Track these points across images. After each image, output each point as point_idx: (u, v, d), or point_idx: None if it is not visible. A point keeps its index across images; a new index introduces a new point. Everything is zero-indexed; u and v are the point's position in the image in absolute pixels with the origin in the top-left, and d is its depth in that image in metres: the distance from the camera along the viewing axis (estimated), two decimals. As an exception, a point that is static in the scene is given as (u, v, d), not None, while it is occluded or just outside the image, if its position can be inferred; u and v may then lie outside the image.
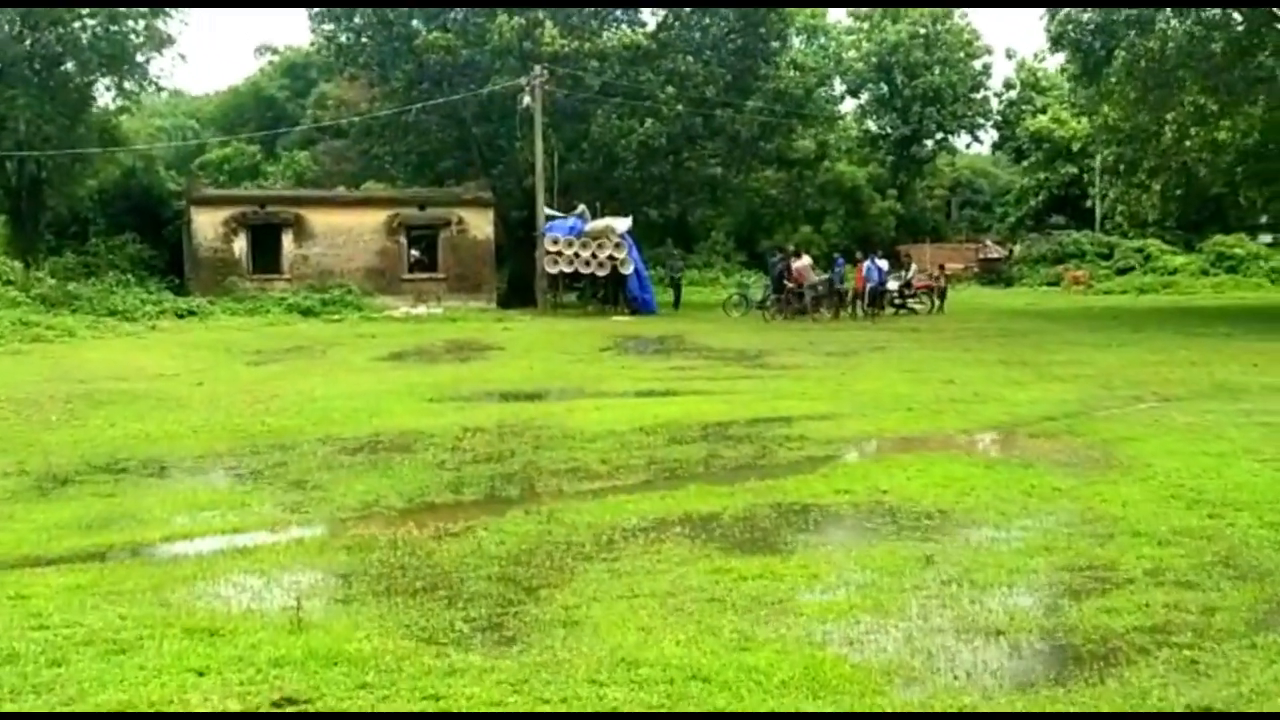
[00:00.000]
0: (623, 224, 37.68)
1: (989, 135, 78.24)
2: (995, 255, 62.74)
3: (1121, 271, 56.25)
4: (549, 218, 38.25)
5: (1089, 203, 64.95)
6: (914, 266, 36.22)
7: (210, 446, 12.31)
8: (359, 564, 7.45)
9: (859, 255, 36.49)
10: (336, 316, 34.70)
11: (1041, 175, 67.84)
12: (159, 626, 6.02)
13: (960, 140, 76.48)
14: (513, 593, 6.75)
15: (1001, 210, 75.38)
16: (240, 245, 38.36)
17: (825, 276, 33.96)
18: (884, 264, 34.63)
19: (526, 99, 38.44)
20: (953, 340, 25.40)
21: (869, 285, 32.77)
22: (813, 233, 66.72)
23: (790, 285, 33.27)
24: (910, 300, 34.79)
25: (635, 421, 13.55)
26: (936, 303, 34.82)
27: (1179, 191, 29.60)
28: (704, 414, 14.15)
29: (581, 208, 38.35)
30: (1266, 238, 60.93)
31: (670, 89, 40.72)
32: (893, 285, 34.43)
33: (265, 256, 38.66)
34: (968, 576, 6.92)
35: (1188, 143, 28.22)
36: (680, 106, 40.96)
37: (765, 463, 11.09)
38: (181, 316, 33.46)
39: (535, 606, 6.47)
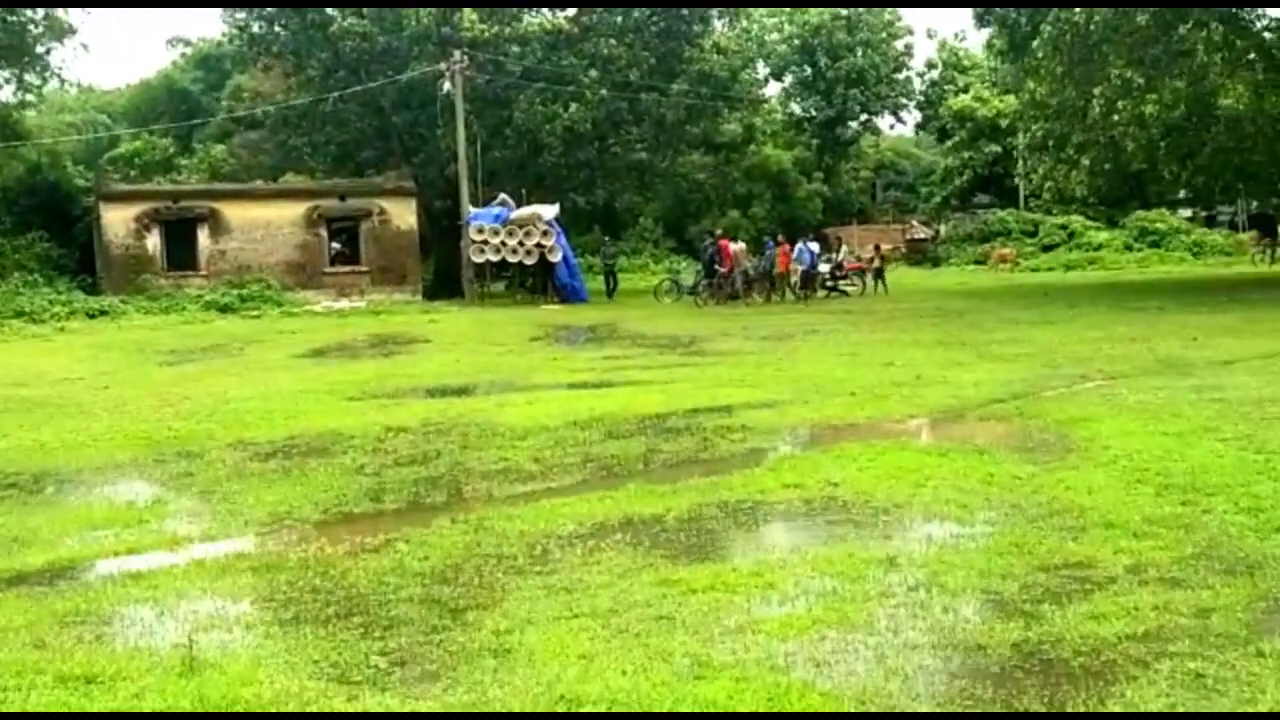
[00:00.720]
0: (549, 211, 36.92)
1: (912, 116, 78.46)
2: (921, 235, 62.83)
3: (1047, 248, 56.55)
4: (474, 206, 37.37)
5: (1014, 181, 65.21)
6: (844, 249, 35.83)
7: (111, 456, 11.44)
8: (265, 588, 6.71)
9: (781, 239, 35.95)
10: (255, 313, 33.64)
11: (966, 154, 67.80)
12: (29, 674, 5.25)
13: (884, 121, 76.55)
14: (437, 617, 6.05)
15: (927, 190, 75.52)
16: (153, 242, 37.12)
17: (755, 261, 33.40)
18: (815, 246, 34.18)
19: (447, 85, 37.59)
20: (888, 322, 24.98)
21: (801, 268, 32.29)
22: (740, 217, 66.44)
23: (722, 270, 32.71)
24: (842, 282, 34.39)
25: (569, 416, 12.87)
26: (874, 284, 34.41)
27: (1107, 166, 29.41)
28: (641, 406, 13.49)
29: (502, 196, 37.49)
30: (1186, 212, 61.61)
31: (594, 73, 39.99)
32: (824, 268, 34.00)
33: (180, 253, 37.46)
34: (936, 581, 6.33)
35: (1115, 117, 28.00)
36: (604, 91, 40.23)
37: (708, 456, 10.46)
38: (93, 316, 32.26)
39: (462, 633, 5.78)
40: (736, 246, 33.45)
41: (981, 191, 69.32)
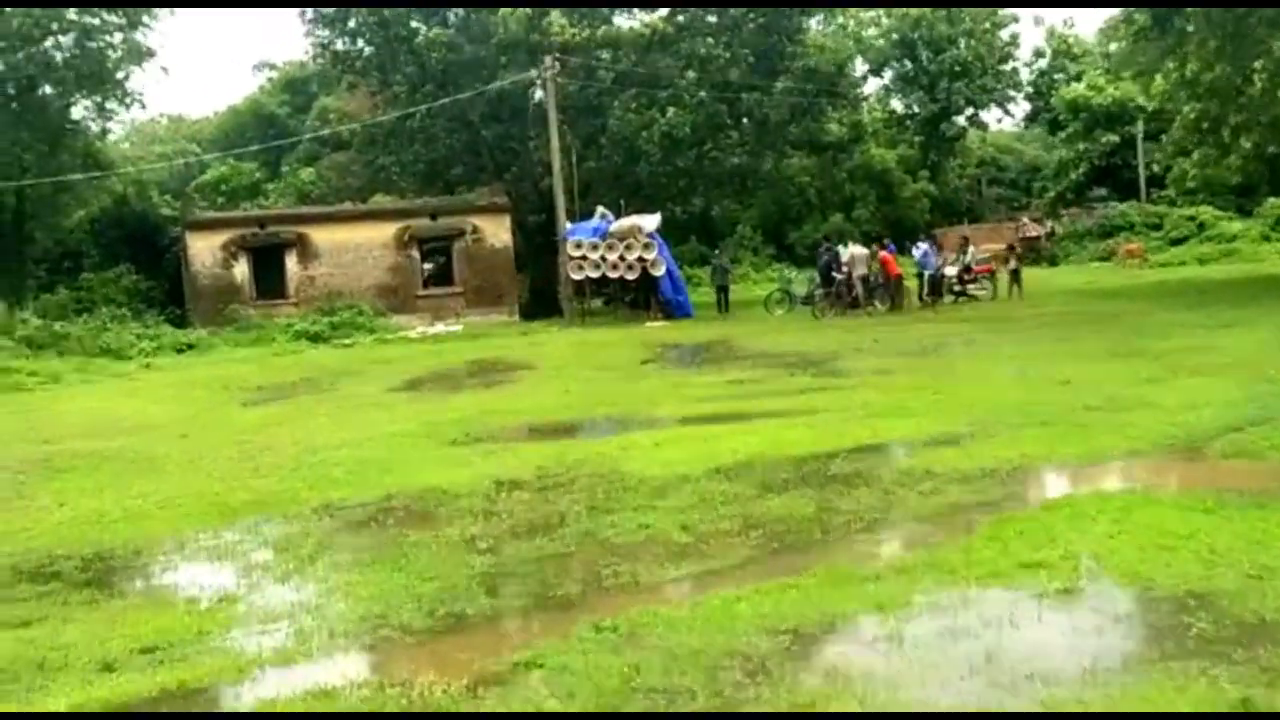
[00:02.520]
0: (651, 222, 34.95)
1: (1020, 108, 75.41)
2: (1034, 234, 59.78)
3: (1175, 242, 53.28)
4: (570, 220, 35.56)
5: (1133, 172, 61.95)
6: (971, 249, 33.33)
7: (177, 530, 9.63)
8: (354, 761, 4.77)
9: (886, 242, 33.56)
10: (348, 341, 32.14)
11: (1081, 146, 64.61)
12: None
13: (990, 115, 73.62)
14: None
15: (1040, 185, 72.39)
16: (241, 270, 35.88)
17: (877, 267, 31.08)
18: (925, 247, 31.67)
19: (539, 93, 35.93)
20: (1036, 330, 22.60)
21: (927, 273, 29.90)
22: (844, 220, 64.20)
23: (840, 277, 30.47)
24: (971, 286, 31.93)
25: (708, 460, 10.84)
26: (1009, 287, 31.87)
27: (1271, 149, 26.64)
28: (791, 445, 11.42)
29: (600, 208, 35.61)
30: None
31: (691, 74, 38.09)
32: (950, 271, 31.58)
33: (268, 280, 36.18)
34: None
35: (1280, 94, 25.19)
36: (703, 93, 38.29)
37: (898, 518, 8.36)
38: (180, 351, 31.00)
39: None
40: (856, 250, 31.16)
41: (1098, 184, 66.04)
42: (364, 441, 13.87)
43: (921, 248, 30.39)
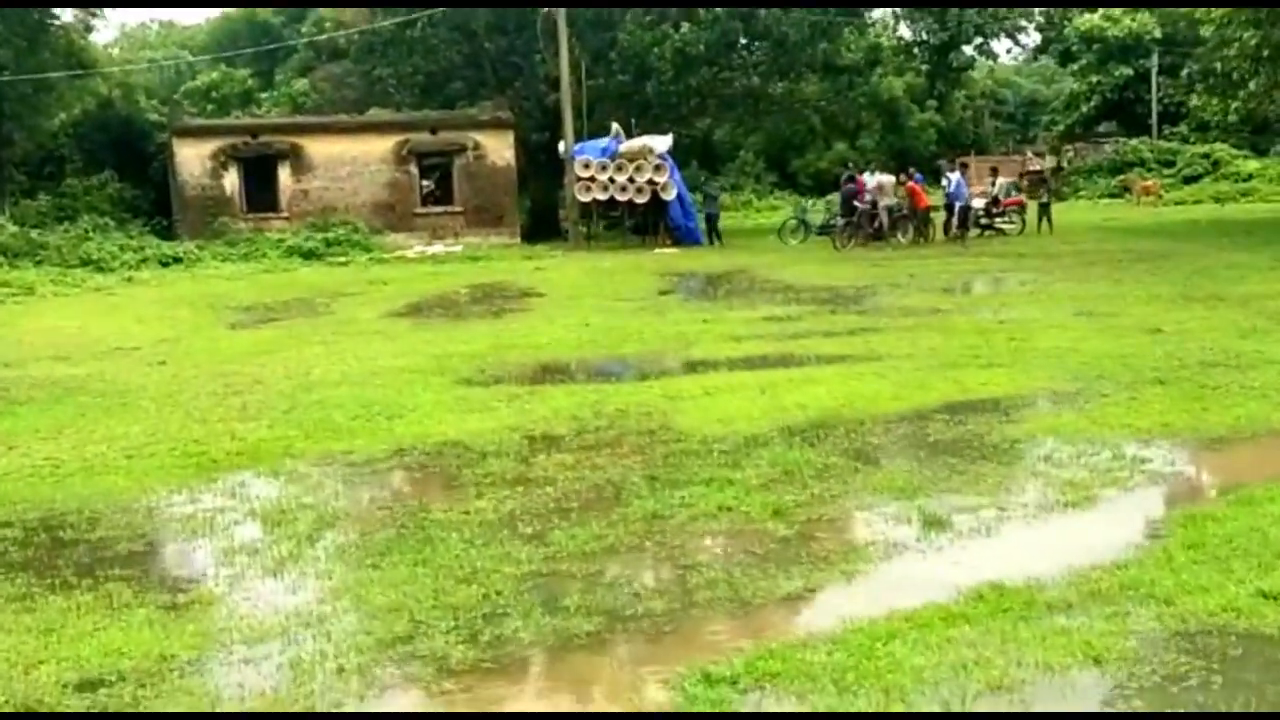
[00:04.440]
0: (662, 143, 33.01)
1: (1030, 39, 73.09)
2: (1036, 167, 57.75)
3: (1189, 180, 51.72)
4: (578, 139, 33.60)
5: (1146, 106, 60.07)
6: (1000, 181, 31.49)
7: (144, 488, 7.97)
8: None
9: (912, 171, 31.77)
10: (343, 259, 30.32)
11: (1094, 79, 62.49)
12: None
13: (1000, 45, 71.37)
14: None
15: (1048, 119, 70.40)
16: (231, 181, 33.89)
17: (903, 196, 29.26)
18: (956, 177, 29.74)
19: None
20: (1085, 267, 20.94)
21: (958, 204, 28.09)
22: (849, 149, 62.29)
23: (863, 206, 28.67)
24: (999, 220, 30.16)
25: (775, 417, 9.24)
26: (1038, 221, 30.09)
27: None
28: (869, 400, 9.79)
29: (615, 126, 33.63)
30: (1341, 136, 56.08)
31: (707, -13, 35.89)
32: (978, 203, 29.78)
33: (260, 193, 34.17)
34: None
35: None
36: (719, 9, 36.09)
37: (1049, 506, 6.73)
38: (165, 265, 29.14)
39: None
40: (883, 178, 29.35)
41: (1107, 119, 64.12)
42: (367, 377, 12.22)
43: (954, 177, 28.53)
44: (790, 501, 6.89)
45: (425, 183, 36.10)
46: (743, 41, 38.79)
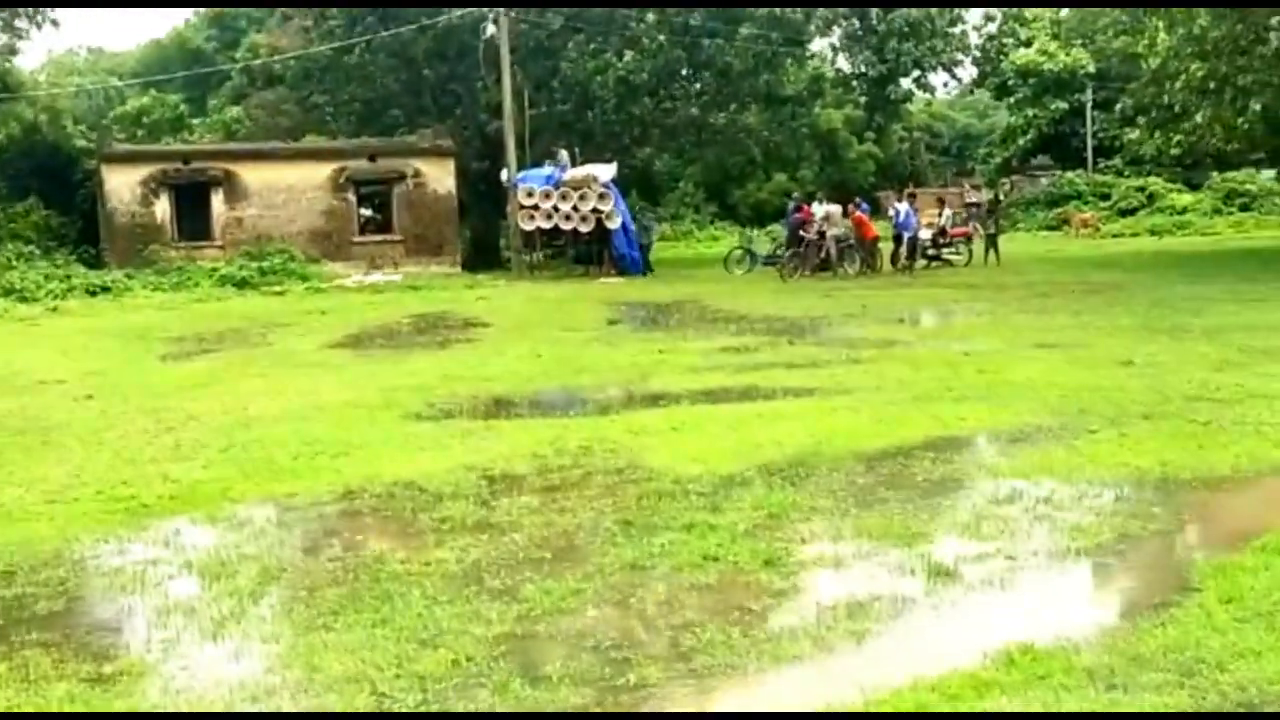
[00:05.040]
0: (607, 171, 32.55)
1: (966, 72, 73.76)
2: (974, 200, 58.17)
3: (1124, 213, 52.33)
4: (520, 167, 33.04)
5: (1080, 141, 60.74)
6: (947, 211, 31.36)
7: (67, 537, 7.25)
8: None
9: (859, 201, 31.61)
10: (278, 288, 29.48)
11: (1030, 112, 63.20)
12: None
13: (937, 79, 71.89)
14: None
15: (984, 152, 71.13)
16: (162, 208, 32.92)
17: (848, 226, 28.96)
18: (904, 207, 29.50)
19: (491, 28, 33.20)
20: (1039, 298, 20.73)
21: (906, 234, 27.87)
22: (789, 180, 62.46)
23: (810, 237, 28.34)
24: (945, 251, 29.98)
25: (750, 455, 8.70)
26: (985, 252, 29.99)
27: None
28: (845, 437, 9.29)
29: (561, 152, 33.13)
30: (1270, 173, 57.05)
31: (650, 17, 35.53)
32: (925, 234, 29.60)
33: (192, 221, 33.21)
34: None
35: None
36: (661, 37, 35.78)
37: (1059, 553, 6.24)
38: (93, 294, 28.19)
39: None
40: (831, 208, 29.07)
41: (1042, 152, 64.76)
42: (309, 412, 11.54)
43: (902, 208, 28.31)
44: (780, 549, 6.34)
45: (364, 211, 35.35)
46: (685, 71, 38.55)
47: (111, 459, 9.50)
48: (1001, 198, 59.12)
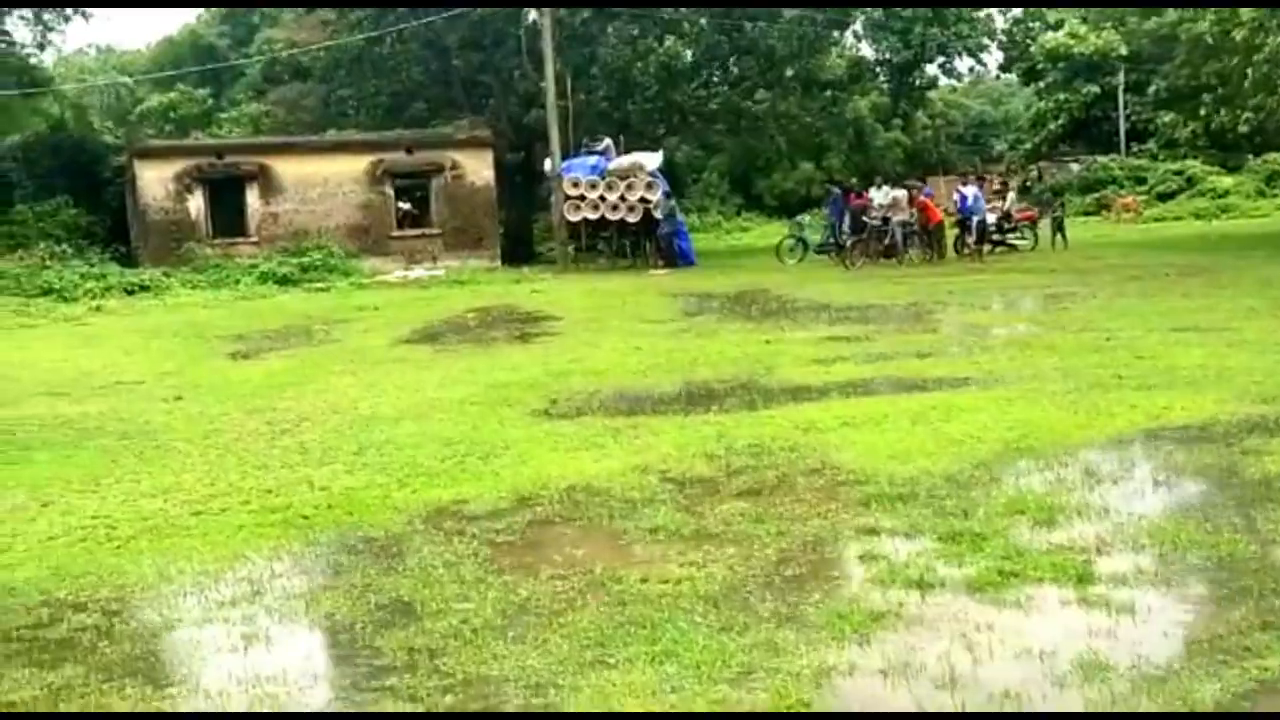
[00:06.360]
0: (653, 160, 31.68)
1: (993, 57, 72.82)
2: (999, 188, 57.26)
3: (1163, 197, 51.32)
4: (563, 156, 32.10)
5: (1113, 124, 59.77)
6: (1011, 195, 30.51)
7: (231, 554, 6.40)
8: None
9: (923, 184, 30.86)
10: (321, 285, 28.61)
11: (1060, 97, 62.20)
12: None
13: (963, 63, 70.88)
14: None
15: (1013, 138, 70.14)
16: (196, 204, 32.02)
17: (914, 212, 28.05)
18: (971, 191, 28.56)
19: (533, 14, 32.26)
20: (1132, 281, 19.83)
21: (975, 218, 26.99)
22: (814, 169, 61.62)
23: (873, 222, 27.44)
24: (1010, 236, 29.08)
25: (952, 450, 7.86)
26: (1052, 236, 29.19)
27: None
28: (1046, 428, 8.43)
29: (606, 141, 32.24)
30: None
31: (690, 0, 34.71)
32: (990, 218, 28.68)
33: (227, 216, 32.31)
34: None
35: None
36: (703, 20, 34.89)
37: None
38: (131, 293, 27.31)
39: None
40: (897, 193, 28.18)
41: (1074, 138, 63.79)
42: (425, 410, 10.69)
43: (969, 191, 27.38)
44: (1078, 561, 5.47)
45: (401, 204, 34.46)
46: (726, 56, 37.66)
47: (239, 465, 8.65)
48: (1029, 184, 58.31)
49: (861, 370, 11.92)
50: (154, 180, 31.88)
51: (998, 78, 77.73)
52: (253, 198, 32.47)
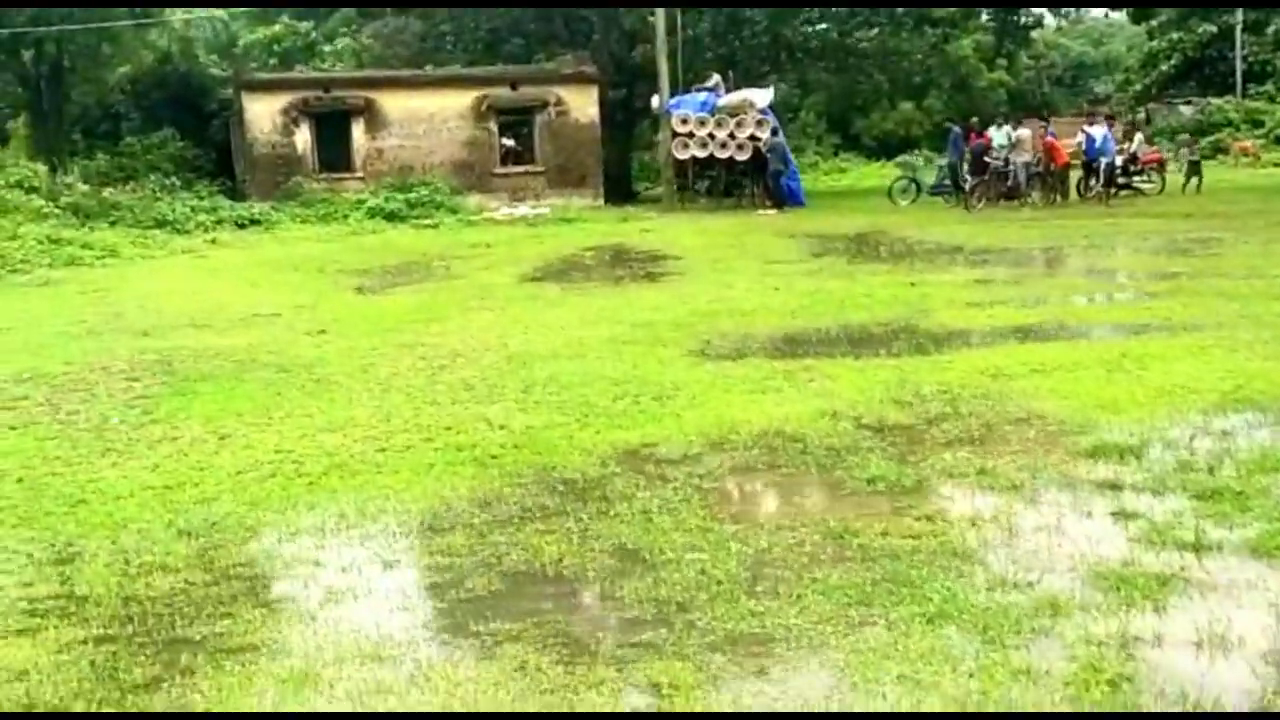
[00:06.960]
0: (764, 96, 30.98)
1: (1102, -6, 70.51)
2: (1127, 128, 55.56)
3: (1280, 141, 49.43)
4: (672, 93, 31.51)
5: (1229, 66, 57.66)
6: (1139, 136, 29.43)
7: (430, 496, 6.16)
8: None
9: (1049, 126, 29.90)
10: (429, 221, 28.45)
11: (1174, 36, 60.07)
12: None
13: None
14: None
15: (1120, 79, 68.01)
16: (303, 138, 31.93)
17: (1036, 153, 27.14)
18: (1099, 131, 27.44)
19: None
20: (1276, 226, 18.97)
21: (1104, 160, 26.04)
22: (915, 110, 60.37)
23: (995, 163, 26.59)
24: (1137, 179, 28.05)
25: (1168, 401, 7.40)
26: (1185, 180, 28.21)
27: None
28: (1263, 380, 7.91)
29: (715, 77, 31.60)
30: None
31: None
32: (1116, 160, 27.63)
33: (332, 151, 32.18)
34: None
35: None
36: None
37: None
38: (242, 226, 27.39)
39: None
40: (1023, 133, 27.26)
41: (1186, 79, 61.68)
42: (577, 349, 10.40)
43: (1098, 131, 26.35)
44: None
45: (505, 141, 34.14)
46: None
47: (406, 401, 8.42)
48: (1139, 127, 56.48)
49: (1025, 315, 11.40)
50: (261, 113, 31.83)
51: (1106, 15, 75.33)
52: (358, 132, 32.31)
